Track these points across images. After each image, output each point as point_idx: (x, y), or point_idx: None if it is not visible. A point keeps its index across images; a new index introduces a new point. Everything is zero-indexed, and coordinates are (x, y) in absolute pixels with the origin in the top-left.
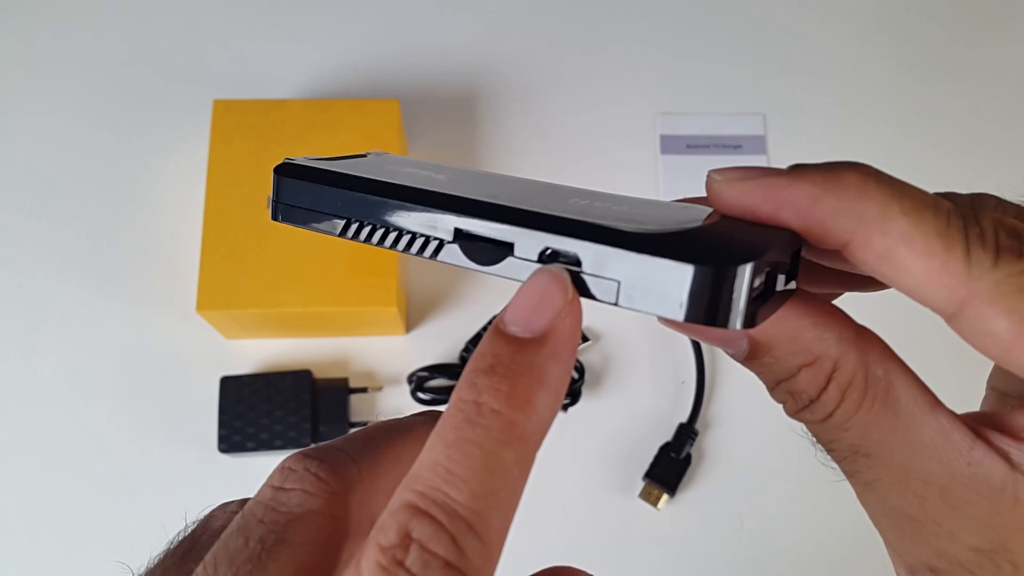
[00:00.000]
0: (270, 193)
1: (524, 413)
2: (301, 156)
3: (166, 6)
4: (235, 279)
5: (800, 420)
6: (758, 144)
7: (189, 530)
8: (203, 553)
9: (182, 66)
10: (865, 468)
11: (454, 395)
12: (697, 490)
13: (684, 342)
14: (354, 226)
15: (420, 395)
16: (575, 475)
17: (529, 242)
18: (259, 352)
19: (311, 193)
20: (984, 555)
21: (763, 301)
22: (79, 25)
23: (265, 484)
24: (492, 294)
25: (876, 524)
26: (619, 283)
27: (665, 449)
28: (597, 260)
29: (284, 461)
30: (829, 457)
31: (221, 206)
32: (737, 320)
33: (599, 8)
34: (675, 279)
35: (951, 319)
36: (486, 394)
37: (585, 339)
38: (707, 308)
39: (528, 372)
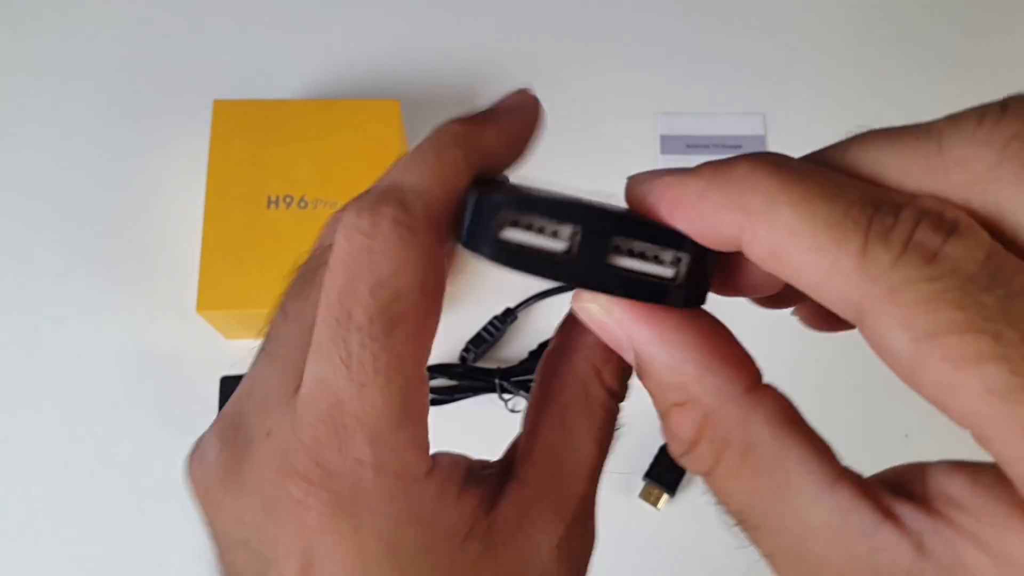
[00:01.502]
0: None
1: (476, 130)
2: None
3: (166, 6)
4: (235, 279)
5: (685, 467)
6: (758, 144)
7: (309, 258)
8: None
9: (182, 66)
10: (757, 540)
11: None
12: (698, 490)
13: None
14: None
15: None
16: None
17: None
18: None
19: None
20: None
21: (558, 262)
22: (78, 25)
23: (349, 227)
24: (492, 294)
25: None
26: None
27: (665, 449)
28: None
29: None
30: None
31: (221, 206)
32: (483, 246)
33: (599, 8)
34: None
35: (858, 326)
36: (451, 121)
37: None
38: (468, 229)
39: (488, 114)
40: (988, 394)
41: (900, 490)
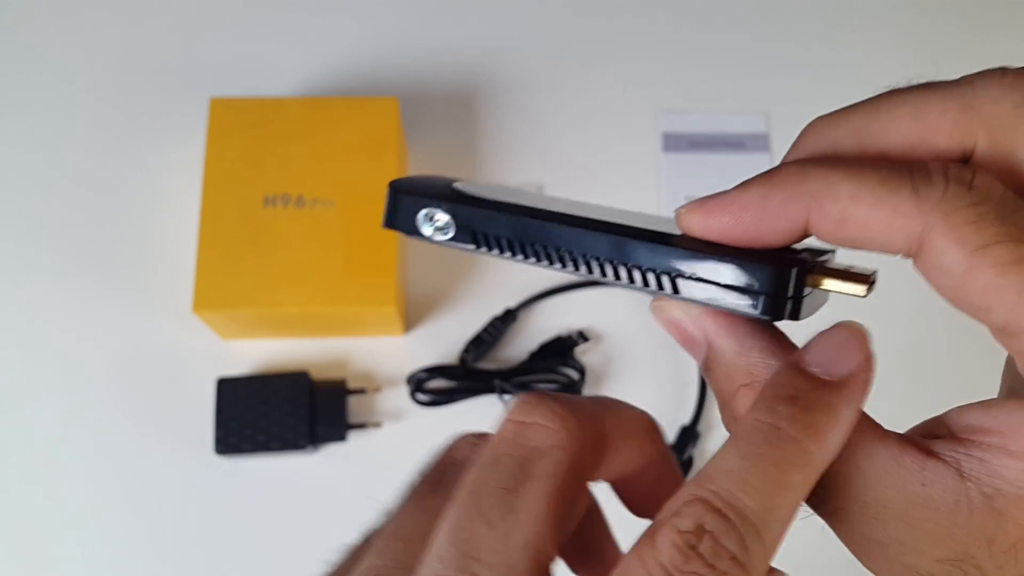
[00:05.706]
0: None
1: (817, 444)
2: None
3: (162, 3)
4: (232, 279)
5: None
6: (761, 142)
7: (434, 463)
8: (450, 485)
9: (178, 64)
10: (825, 500)
11: (751, 414)
12: None
13: None
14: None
15: (419, 396)
16: None
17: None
18: (256, 353)
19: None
20: (950, 564)
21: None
22: (73, 23)
23: (506, 419)
24: (491, 294)
25: (848, 547)
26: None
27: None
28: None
29: (522, 396)
30: None
31: (218, 205)
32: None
33: (600, 4)
34: None
35: (916, 260)
36: (786, 421)
37: (585, 339)
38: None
39: (825, 410)
40: None
41: (929, 436)
